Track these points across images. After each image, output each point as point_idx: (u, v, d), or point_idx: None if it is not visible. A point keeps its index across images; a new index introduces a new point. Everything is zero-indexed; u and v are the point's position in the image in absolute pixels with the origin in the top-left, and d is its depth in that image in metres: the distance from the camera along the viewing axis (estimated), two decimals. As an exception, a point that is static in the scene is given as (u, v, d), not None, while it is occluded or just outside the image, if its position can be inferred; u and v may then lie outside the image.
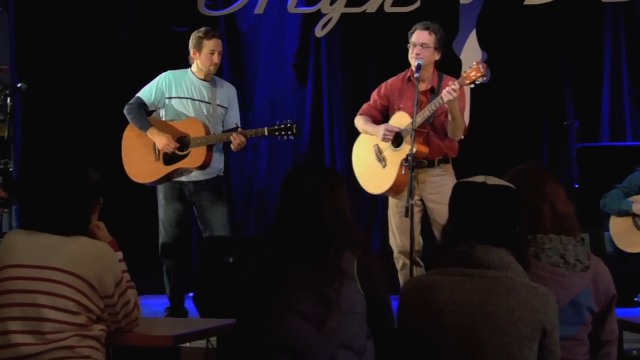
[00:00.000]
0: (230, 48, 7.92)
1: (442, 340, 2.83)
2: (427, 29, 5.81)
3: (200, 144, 6.05)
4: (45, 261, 3.27)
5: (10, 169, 7.01)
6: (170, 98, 6.23)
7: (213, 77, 6.31)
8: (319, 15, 7.82)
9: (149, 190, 6.46)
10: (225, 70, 7.88)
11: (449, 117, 5.66)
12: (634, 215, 6.32)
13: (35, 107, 7.89)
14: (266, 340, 3.07)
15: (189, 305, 6.29)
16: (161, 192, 6.28)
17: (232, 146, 6.05)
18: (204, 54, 6.20)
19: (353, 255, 3.10)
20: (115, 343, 3.49)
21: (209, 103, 6.20)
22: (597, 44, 7.54)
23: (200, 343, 4.56)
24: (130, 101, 6.26)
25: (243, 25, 7.95)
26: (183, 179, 6.19)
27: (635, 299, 6.57)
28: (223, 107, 6.26)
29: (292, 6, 7.85)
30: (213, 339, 4.44)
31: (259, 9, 7.91)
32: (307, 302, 3.05)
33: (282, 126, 6.06)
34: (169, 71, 6.33)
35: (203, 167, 6.08)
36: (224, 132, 6.18)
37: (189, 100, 6.20)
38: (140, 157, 6.21)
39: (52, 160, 7.15)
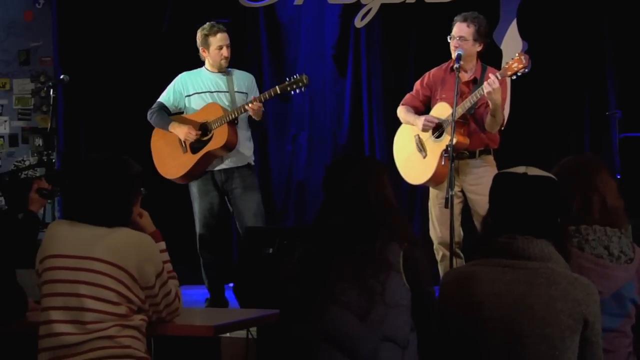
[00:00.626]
0: (270, 39, 7.94)
1: (483, 332, 2.82)
2: (465, 20, 5.78)
3: (220, 123, 6.10)
4: (87, 252, 3.30)
5: (53, 160, 7.08)
6: (189, 96, 6.31)
7: (228, 69, 6.37)
8: (358, 5, 7.80)
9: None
10: (265, 61, 7.91)
11: (489, 112, 5.63)
12: (677, 206, 6.25)
13: (78, 98, 7.96)
14: (310, 330, 3.08)
15: (229, 295, 6.32)
16: (194, 185, 6.33)
17: (250, 114, 6.08)
18: (212, 51, 6.26)
19: (399, 248, 3.09)
20: (157, 333, 3.51)
21: (227, 92, 6.24)
22: (639, 31, 7.46)
23: (241, 333, 4.58)
24: (152, 106, 6.37)
25: (283, 16, 7.96)
26: (214, 168, 6.24)
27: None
28: (242, 92, 6.30)
29: (332, -3, 7.84)
30: (253, 330, 4.46)
31: (299, 0, 7.91)
32: (352, 294, 3.05)
33: (292, 80, 6.08)
34: (183, 73, 6.42)
35: (228, 145, 6.11)
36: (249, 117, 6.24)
37: (207, 94, 6.27)
38: (169, 155, 6.31)
39: (94, 151, 7.21)
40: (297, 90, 6.12)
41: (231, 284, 6.42)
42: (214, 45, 6.24)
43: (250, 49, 7.83)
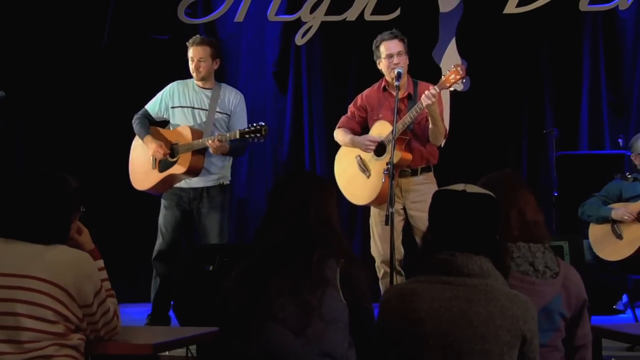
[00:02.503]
0: (210, 56, 7.91)
1: (423, 348, 2.83)
2: (395, 37, 5.85)
3: (186, 150, 6.13)
4: (24, 270, 3.24)
5: (-11, 177, 6.98)
6: (173, 108, 6.32)
7: (219, 83, 6.39)
8: (299, 23, 7.84)
9: (132, 198, 6.45)
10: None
11: (430, 123, 5.67)
12: (612, 223, 6.35)
13: (14, 115, 7.84)
14: (248, 347, 3.06)
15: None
16: (164, 198, 6.35)
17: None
18: (189, 61, 6.26)
19: (336, 264, 3.10)
20: (95, 352, 3.46)
21: (207, 110, 6.23)
22: (576, 52, 7.59)
23: (180, 351, 4.55)
24: (138, 112, 6.38)
25: (223, 33, 7.96)
26: (183, 185, 6.25)
27: (614, 306, 6.60)
28: (224, 113, 6.28)
29: (272, 14, 7.86)
30: (193, 347, 4.42)
31: (239, 17, 7.92)
32: (290, 310, 3.04)
33: (253, 128, 6.08)
34: (176, 81, 6.42)
35: (191, 172, 6.13)
36: None
37: (189, 109, 6.29)
38: (141, 165, 6.33)
39: (30, 168, 7.12)
40: (256, 140, 6.12)
41: (171, 302, 6.36)
42: (189, 56, 6.29)
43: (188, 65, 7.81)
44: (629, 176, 6.34)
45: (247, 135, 6.08)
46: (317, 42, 7.86)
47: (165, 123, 6.38)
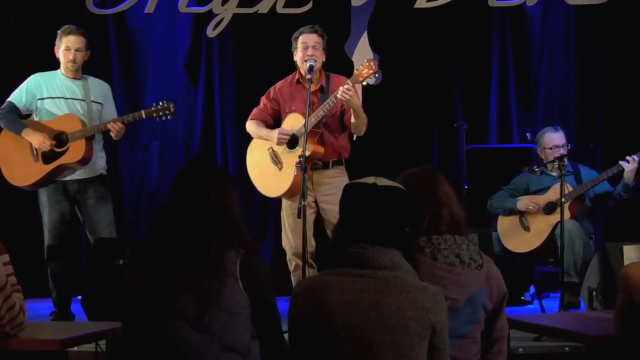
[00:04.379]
0: (119, 47, 7.83)
1: (334, 341, 2.83)
2: (315, 31, 5.87)
3: (78, 137, 6.01)
4: None
5: None
6: (42, 99, 6.16)
7: (85, 75, 6.27)
8: (210, 15, 7.79)
9: (33, 191, 6.31)
10: (115, 69, 7.79)
11: (352, 117, 5.70)
12: (520, 215, 6.46)
13: None
14: (151, 343, 3.01)
15: (76, 309, 6.17)
16: (44, 193, 6.18)
17: (111, 134, 6.01)
18: (61, 51, 6.17)
19: (236, 255, 3.07)
20: (0, 348, 3.40)
21: (83, 100, 6.14)
22: (485, 47, 7.71)
23: (89, 347, 4.49)
24: (2, 106, 6.19)
25: (133, 24, 7.86)
26: (66, 178, 6.12)
27: (522, 297, 6.73)
28: (98, 103, 6.20)
29: (183, 6, 7.80)
30: (102, 343, 4.37)
31: (150, 8, 7.83)
32: (187, 302, 3.00)
33: (159, 107, 6.03)
34: (37, 73, 6.27)
35: (84, 160, 6.04)
36: None
37: (61, 100, 6.15)
38: (18, 160, 6.12)
39: None
40: (164, 118, 6.06)
41: (79, 297, 6.26)
42: (63, 45, 6.15)
43: (98, 56, 7.70)
44: (536, 169, 6.45)
45: (154, 115, 6.02)
46: (229, 35, 7.83)
47: (27, 116, 6.23)
